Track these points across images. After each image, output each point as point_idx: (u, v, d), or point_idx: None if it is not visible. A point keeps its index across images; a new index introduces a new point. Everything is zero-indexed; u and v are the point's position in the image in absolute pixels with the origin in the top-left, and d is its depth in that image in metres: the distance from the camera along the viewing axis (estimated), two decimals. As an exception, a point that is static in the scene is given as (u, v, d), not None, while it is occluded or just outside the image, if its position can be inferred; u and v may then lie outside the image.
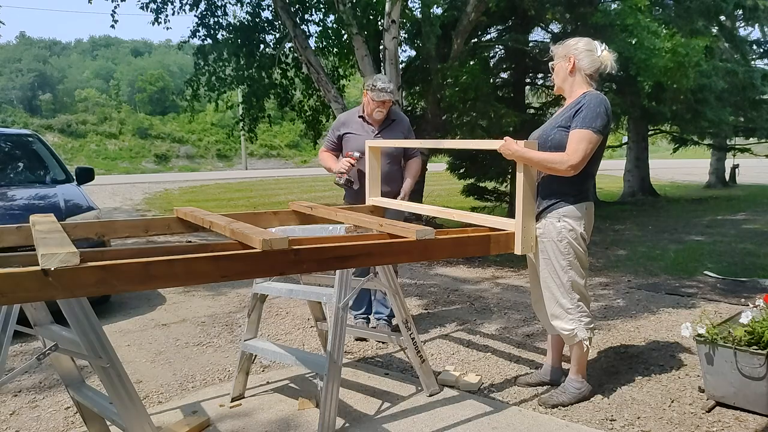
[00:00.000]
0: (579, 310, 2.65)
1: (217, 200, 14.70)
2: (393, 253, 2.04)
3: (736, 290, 4.89)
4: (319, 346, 3.52)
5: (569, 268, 2.62)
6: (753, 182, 18.48)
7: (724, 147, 16.38)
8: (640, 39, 6.29)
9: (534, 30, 9.68)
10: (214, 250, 1.81)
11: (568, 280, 2.63)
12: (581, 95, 2.61)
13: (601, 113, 2.52)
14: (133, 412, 1.85)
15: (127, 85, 42.26)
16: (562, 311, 2.67)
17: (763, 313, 2.62)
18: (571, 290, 2.64)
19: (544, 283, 2.70)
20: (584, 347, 2.70)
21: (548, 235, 2.63)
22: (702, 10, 9.18)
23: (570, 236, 2.60)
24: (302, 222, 2.83)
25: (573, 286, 2.64)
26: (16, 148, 5.51)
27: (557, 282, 2.65)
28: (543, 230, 2.64)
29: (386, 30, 6.97)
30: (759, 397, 2.52)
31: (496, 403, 2.80)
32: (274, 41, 9.47)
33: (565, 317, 2.66)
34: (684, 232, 8.30)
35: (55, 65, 44.96)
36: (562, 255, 2.61)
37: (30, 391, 3.05)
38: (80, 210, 4.58)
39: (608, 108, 2.57)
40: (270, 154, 37.25)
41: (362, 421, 2.62)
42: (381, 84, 3.55)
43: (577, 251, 2.62)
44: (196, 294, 5.09)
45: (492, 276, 5.67)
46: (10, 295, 1.38)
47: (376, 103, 3.58)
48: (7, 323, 2.05)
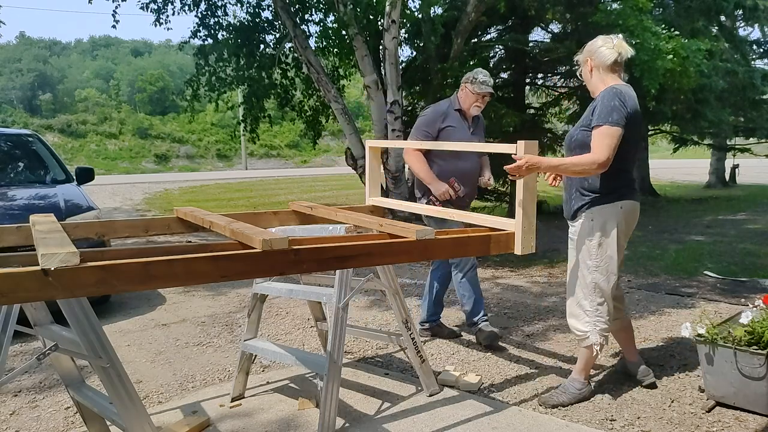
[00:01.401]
0: (597, 314, 2.64)
1: (217, 200, 14.70)
2: (393, 253, 2.04)
3: (736, 290, 4.89)
4: (319, 346, 3.52)
5: (595, 270, 2.61)
6: (753, 182, 18.47)
7: (724, 147, 16.36)
8: (642, 40, 6.27)
9: (534, 30, 9.67)
10: (214, 250, 1.81)
11: (592, 281, 2.62)
12: (599, 94, 2.61)
13: (616, 106, 2.48)
14: (133, 412, 1.85)
15: (127, 85, 42.23)
16: (581, 311, 2.67)
17: (763, 313, 2.62)
18: (593, 292, 2.63)
19: (570, 280, 2.73)
20: (594, 351, 2.68)
21: (581, 234, 2.64)
22: (702, 9, 9.17)
23: (600, 237, 2.58)
24: (302, 222, 2.83)
25: (596, 289, 2.62)
26: (16, 148, 5.51)
27: (581, 282, 2.65)
28: (576, 229, 2.67)
29: (386, 30, 6.97)
30: (759, 397, 2.52)
31: (496, 403, 2.80)
32: (274, 41, 9.48)
33: (582, 318, 2.66)
34: (684, 232, 8.30)
35: (55, 65, 44.93)
36: (590, 255, 2.61)
37: (30, 391, 3.05)
38: (80, 210, 4.58)
39: (623, 99, 2.51)
40: (270, 154, 37.21)
41: (362, 421, 2.62)
42: (482, 77, 3.48)
43: (606, 253, 2.59)
44: (196, 294, 5.09)
45: (492, 276, 5.67)
46: (10, 295, 1.38)
47: (476, 96, 3.50)
48: (7, 323, 2.05)
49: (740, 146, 15.81)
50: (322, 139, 13.00)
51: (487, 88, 3.47)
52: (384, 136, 7.30)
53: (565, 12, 8.18)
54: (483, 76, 3.48)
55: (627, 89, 2.59)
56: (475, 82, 3.47)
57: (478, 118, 3.70)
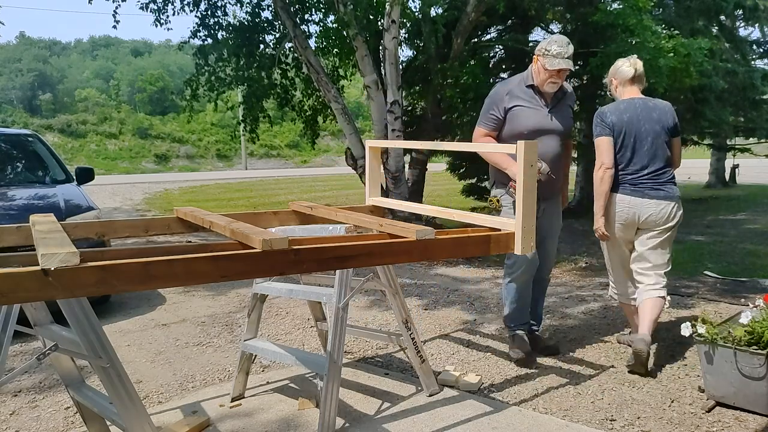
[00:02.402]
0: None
1: (217, 200, 14.70)
2: (393, 253, 2.04)
3: (736, 290, 4.89)
4: (319, 346, 3.52)
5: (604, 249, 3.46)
6: (753, 182, 18.46)
7: (724, 147, 16.33)
8: (643, 39, 6.27)
9: (534, 30, 9.68)
10: (214, 250, 1.81)
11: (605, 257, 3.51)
12: None
13: (597, 123, 3.21)
14: (133, 412, 1.85)
15: (127, 85, 42.26)
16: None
17: (763, 313, 2.62)
18: (607, 265, 3.51)
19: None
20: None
21: None
22: (702, 9, 9.17)
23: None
24: (302, 222, 2.83)
25: (607, 263, 3.50)
26: (15, 148, 5.51)
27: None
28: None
29: (386, 30, 6.97)
30: (759, 397, 2.52)
31: (496, 403, 2.80)
32: (274, 41, 9.47)
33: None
34: (684, 232, 8.29)
35: (55, 65, 44.96)
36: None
37: (30, 391, 3.05)
38: (80, 210, 4.58)
39: (601, 116, 3.19)
40: (270, 154, 37.23)
41: (362, 421, 2.62)
42: (557, 48, 2.94)
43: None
44: (196, 294, 5.09)
45: (492, 276, 5.67)
46: (10, 295, 1.38)
47: (549, 73, 2.97)
48: (7, 323, 2.05)
49: (740, 146, 15.79)
50: (322, 139, 12.99)
51: (561, 63, 2.92)
52: (384, 136, 7.30)
53: (565, 12, 8.19)
54: (557, 47, 2.94)
55: (619, 104, 3.20)
56: (547, 56, 2.94)
57: (564, 92, 3.16)
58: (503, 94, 3.10)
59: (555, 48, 2.94)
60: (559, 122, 3.14)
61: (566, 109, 3.21)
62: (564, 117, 3.18)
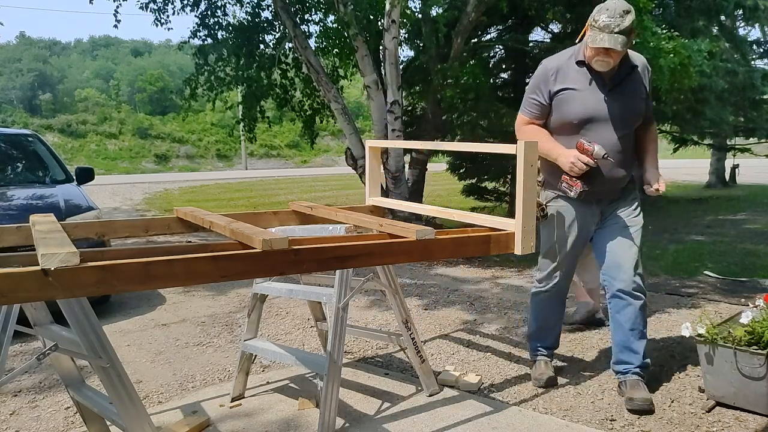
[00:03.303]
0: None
1: (217, 200, 14.70)
2: (393, 253, 2.04)
3: (736, 290, 4.89)
4: (319, 346, 3.52)
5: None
6: (753, 182, 18.46)
7: (724, 147, 16.34)
8: (643, 40, 6.27)
9: (534, 30, 9.67)
10: (214, 250, 1.81)
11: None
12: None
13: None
14: (133, 412, 1.85)
15: (127, 85, 42.23)
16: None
17: (763, 313, 2.62)
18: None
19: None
20: None
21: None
22: (702, 9, 9.17)
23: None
24: (302, 222, 2.83)
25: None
26: (15, 148, 5.51)
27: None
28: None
29: (386, 30, 6.97)
30: (759, 397, 2.52)
31: (496, 403, 2.80)
32: (274, 41, 9.47)
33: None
34: (684, 232, 8.29)
35: (55, 65, 44.91)
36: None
37: (30, 391, 3.05)
38: (80, 210, 4.58)
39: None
40: (270, 154, 37.22)
41: (362, 421, 2.62)
42: (605, 18, 2.30)
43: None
44: (196, 294, 5.09)
45: (492, 276, 5.67)
46: (10, 295, 1.38)
47: (594, 50, 2.38)
48: (7, 323, 2.05)
49: (740, 146, 15.80)
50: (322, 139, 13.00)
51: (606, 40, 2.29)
52: (384, 136, 7.30)
53: (565, 12, 8.18)
54: (606, 18, 2.30)
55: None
56: (593, 27, 2.35)
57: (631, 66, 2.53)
58: (549, 73, 2.53)
59: (603, 18, 2.31)
60: (621, 107, 2.51)
61: (634, 89, 2.54)
62: (629, 100, 2.53)
